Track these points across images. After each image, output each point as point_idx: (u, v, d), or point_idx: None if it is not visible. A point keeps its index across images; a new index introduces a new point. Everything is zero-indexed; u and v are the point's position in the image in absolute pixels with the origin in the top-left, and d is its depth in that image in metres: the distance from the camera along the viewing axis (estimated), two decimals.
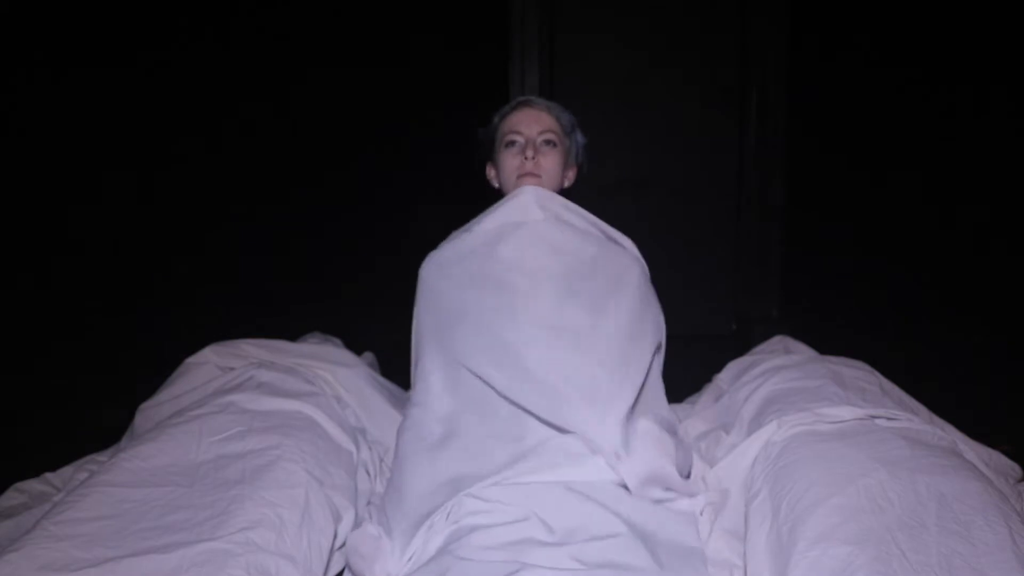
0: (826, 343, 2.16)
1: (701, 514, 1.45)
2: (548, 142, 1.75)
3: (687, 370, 1.94)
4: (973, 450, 1.61)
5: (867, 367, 1.89)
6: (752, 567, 1.34)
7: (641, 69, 2.91)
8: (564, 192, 1.78)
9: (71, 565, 1.21)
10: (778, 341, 2.15)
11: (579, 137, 1.85)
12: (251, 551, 1.26)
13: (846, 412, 1.56)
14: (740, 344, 2.45)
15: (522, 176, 1.71)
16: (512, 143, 1.75)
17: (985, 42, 2.57)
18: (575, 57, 2.87)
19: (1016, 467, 1.73)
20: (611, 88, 2.88)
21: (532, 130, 1.75)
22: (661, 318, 1.69)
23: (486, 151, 1.85)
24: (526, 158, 1.72)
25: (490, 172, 1.85)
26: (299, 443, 1.57)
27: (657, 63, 2.96)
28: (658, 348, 1.65)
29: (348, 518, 1.51)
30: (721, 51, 3.00)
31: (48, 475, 1.77)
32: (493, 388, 1.50)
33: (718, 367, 2.15)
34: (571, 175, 1.84)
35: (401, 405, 1.81)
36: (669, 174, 3.02)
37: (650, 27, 2.98)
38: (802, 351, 2.04)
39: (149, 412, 1.84)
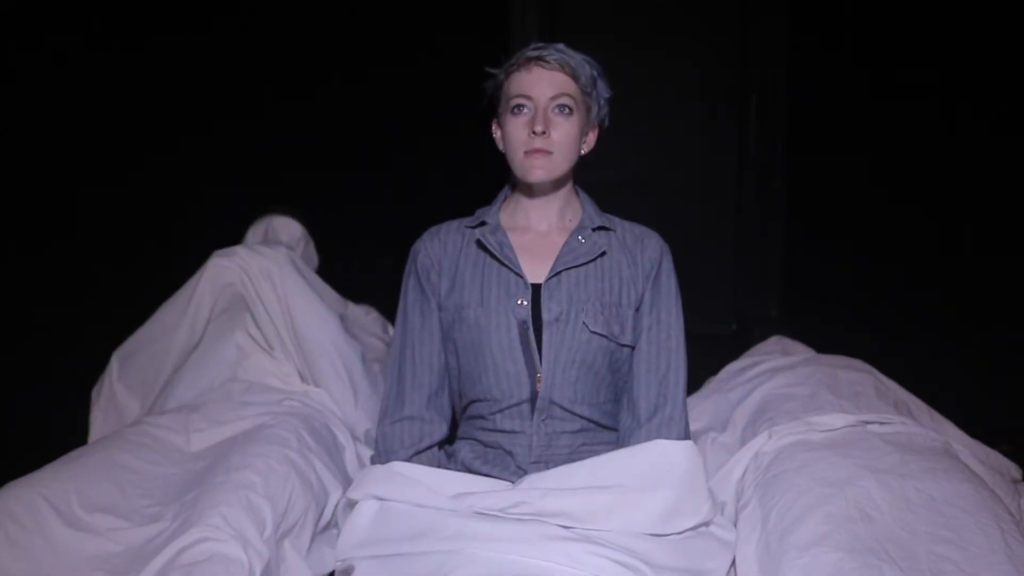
0: (826, 343, 2.16)
1: None
2: (562, 108, 1.49)
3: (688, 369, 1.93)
4: (970, 450, 1.61)
5: (865, 366, 1.89)
6: (742, 575, 1.35)
7: (641, 69, 2.91)
8: (580, 161, 1.56)
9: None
10: (775, 342, 2.15)
11: (602, 90, 1.56)
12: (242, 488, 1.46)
13: (838, 420, 1.57)
14: (740, 344, 2.45)
15: (530, 153, 1.48)
16: (519, 108, 1.49)
17: (988, 43, 2.57)
18: None
19: (1015, 466, 1.73)
20: (611, 87, 2.89)
21: (543, 94, 1.48)
22: None
23: (492, 106, 1.58)
24: (534, 132, 1.47)
25: (496, 132, 1.58)
26: (290, 419, 1.76)
27: (657, 63, 2.96)
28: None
29: (335, 496, 1.66)
30: (721, 52, 3.00)
31: None
32: None
33: (717, 367, 2.16)
34: (591, 138, 1.57)
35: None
36: (669, 174, 3.02)
37: (650, 27, 2.98)
38: (799, 351, 2.04)
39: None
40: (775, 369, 1.87)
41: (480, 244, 1.57)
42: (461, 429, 1.62)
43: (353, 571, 1.32)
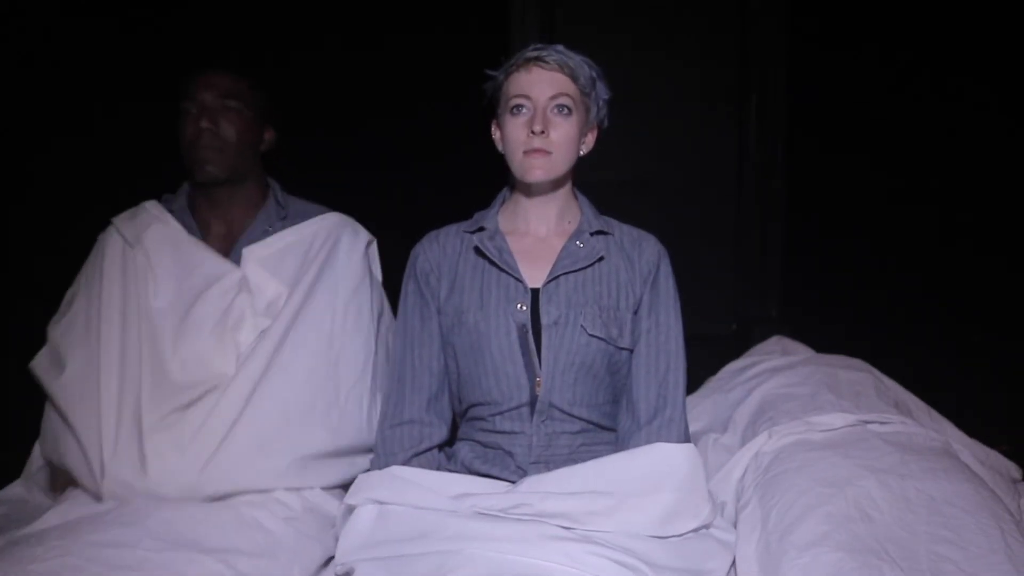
0: (826, 343, 2.16)
1: None
2: (561, 108, 1.50)
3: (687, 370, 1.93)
4: (970, 449, 1.61)
5: (865, 365, 1.89)
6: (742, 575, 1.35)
7: (641, 69, 2.91)
8: (578, 162, 1.57)
9: None
10: (775, 342, 2.15)
11: (601, 91, 1.57)
12: None
13: (837, 420, 1.57)
14: (740, 344, 2.45)
15: (529, 153, 1.49)
16: (519, 108, 1.50)
17: (988, 43, 2.57)
18: None
19: (1014, 466, 1.73)
20: (610, 88, 2.90)
21: (542, 95, 1.49)
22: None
23: (491, 107, 1.59)
24: (533, 132, 1.48)
25: (495, 133, 1.58)
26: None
27: (657, 63, 2.96)
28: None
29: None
30: (721, 52, 2.99)
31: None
32: None
33: (717, 367, 2.15)
34: (590, 140, 1.58)
35: None
36: (669, 174, 3.02)
37: (650, 27, 2.98)
38: (800, 352, 2.04)
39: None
40: (775, 369, 1.87)
41: (478, 251, 1.57)
42: (461, 430, 1.63)
43: (353, 573, 1.32)
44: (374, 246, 1.85)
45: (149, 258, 1.63)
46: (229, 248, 1.73)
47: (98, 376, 1.53)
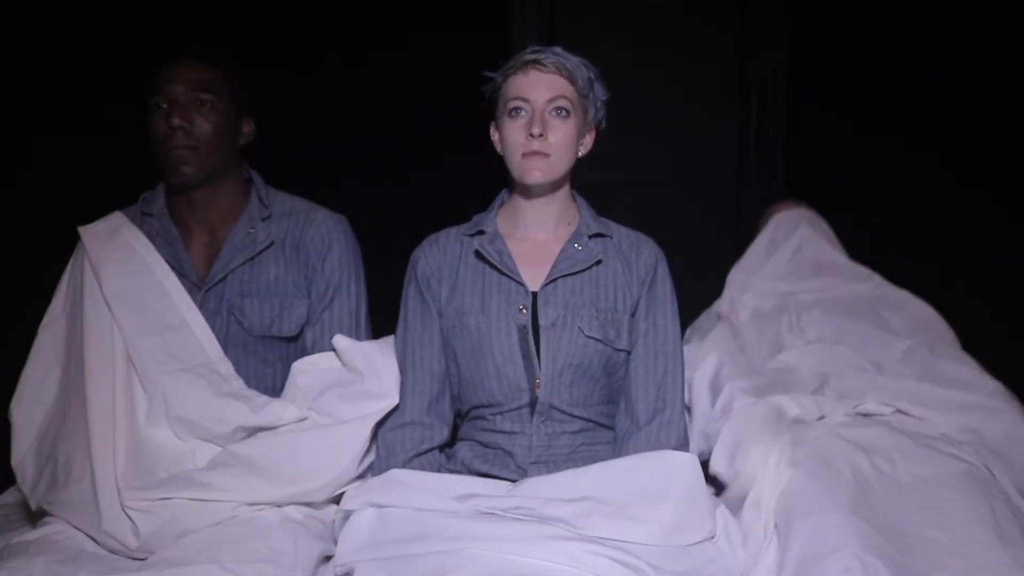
0: None
1: None
2: (559, 110, 1.50)
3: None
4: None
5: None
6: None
7: (641, 69, 2.91)
8: (578, 163, 1.57)
9: None
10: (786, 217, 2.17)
11: (599, 92, 1.57)
12: None
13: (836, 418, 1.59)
14: None
15: (527, 155, 1.50)
16: (517, 111, 1.51)
17: (989, 43, 2.57)
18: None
19: None
20: (610, 88, 2.89)
21: (540, 97, 1.49)
22: None
23: (490, 108, 1.58)
24: (532, 135, 1.48)
25: (494, 135, 1.58)
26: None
27: (657, 63, 2.96)
28: None
29: None
30: (721, 51, 3.00)
31: None
32: None
33: None
34: (588, 141, 1.58)
35: None
36: (669, 174, 3.03)
37: (650, 27, 2.98)
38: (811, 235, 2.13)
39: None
40: (779, 371, 1.87)
41: (479, 254, 1.58)
42: (461, 430, 1.63)
43: (353, 573, 1.32)
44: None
45: (111, 308, 1.54)
46: (213, 256, 1.67)
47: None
